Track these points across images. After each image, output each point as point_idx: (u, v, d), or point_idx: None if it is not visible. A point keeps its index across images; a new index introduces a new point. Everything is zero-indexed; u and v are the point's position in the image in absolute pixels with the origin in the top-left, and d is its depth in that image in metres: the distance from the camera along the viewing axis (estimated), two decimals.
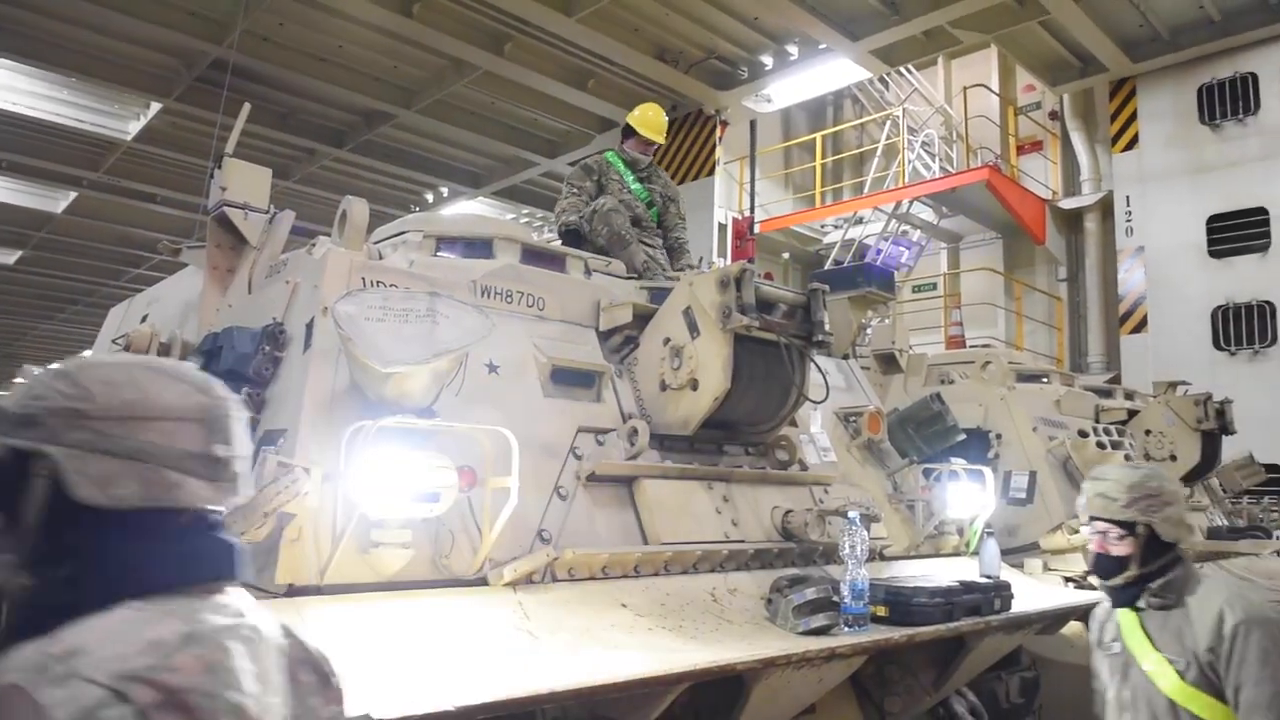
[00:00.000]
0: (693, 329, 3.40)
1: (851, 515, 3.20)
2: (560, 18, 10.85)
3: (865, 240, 13.40)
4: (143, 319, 4.73)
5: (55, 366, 1.10)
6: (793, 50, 12.16)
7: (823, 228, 14.79)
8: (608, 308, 3.68)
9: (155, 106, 13.20)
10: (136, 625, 0.98)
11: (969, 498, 4.44)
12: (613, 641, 2.58)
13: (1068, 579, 5.33)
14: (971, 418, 5.93)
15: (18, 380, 1.21)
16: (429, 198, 17.35)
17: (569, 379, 3.40)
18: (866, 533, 3.22)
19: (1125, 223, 11.86)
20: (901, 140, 13.35)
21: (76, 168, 14.95)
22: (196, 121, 13.00)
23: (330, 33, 11.63)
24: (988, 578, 3.88)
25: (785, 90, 12.92)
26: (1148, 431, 6.83)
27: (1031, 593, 4.16)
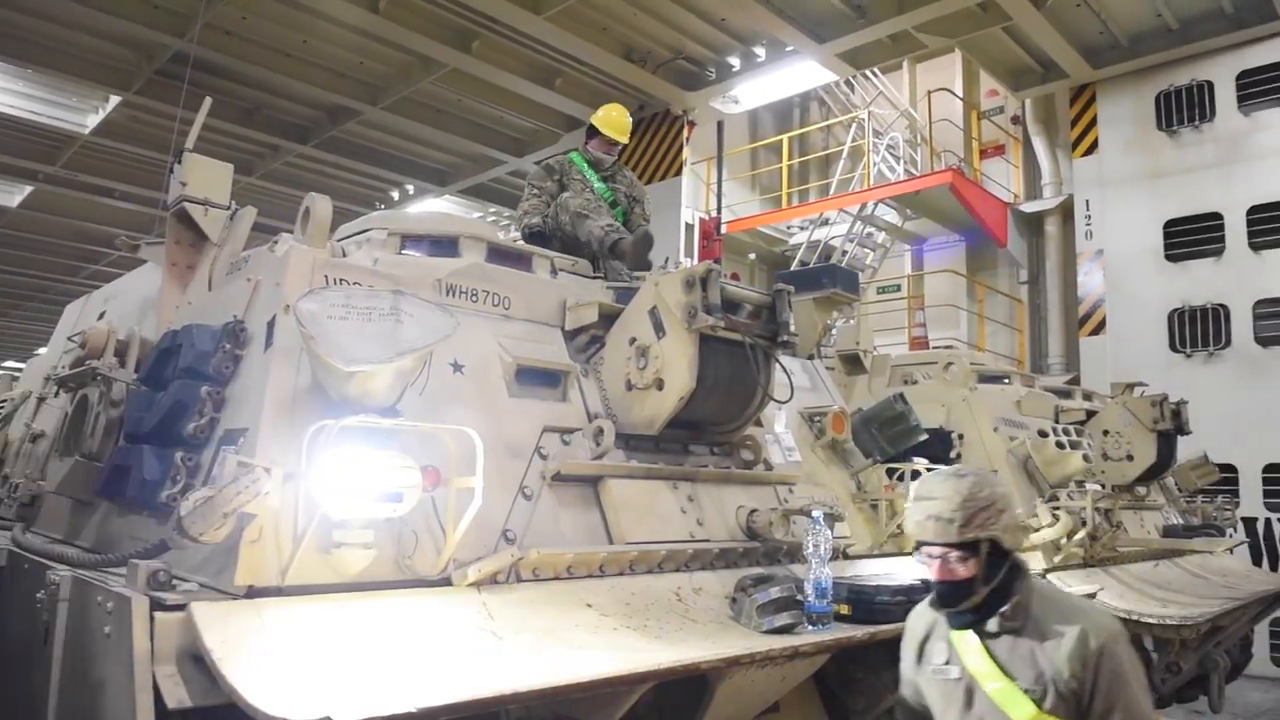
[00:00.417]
0: (659, 329, 3.40)
1: (815, 514, 3.22)
2: (528, 16, 10.83)
3: (831, 241, 13.50)
4: (100, 316, 4.65)
5: None
6: (760, 52, 12.23)
7: (789, 229, 14.88)
8: (574, 307, 3.68)
9: (114, 100, 12.99)
10: None
11: None
12: (577, 641, 2.58)
13: None
14: (934, 418, 6.01)
15: None
16: (394, 195, 17.23)
17: (534, 378, 3.39)
18: (830, 532, 3.24)
19: (1085, 226, 12.06)
20: (867, 143, 13.46)
21: (33, 161, 14.68)
22: (156, 115, 12.82)
23: (295, 27, 11.50)
24: None
25: (752, 92, 12.99)
26: (1105, 432, 6.96)
27: None
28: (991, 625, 2.37)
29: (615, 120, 5.20)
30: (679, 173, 13.28)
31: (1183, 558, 6.69)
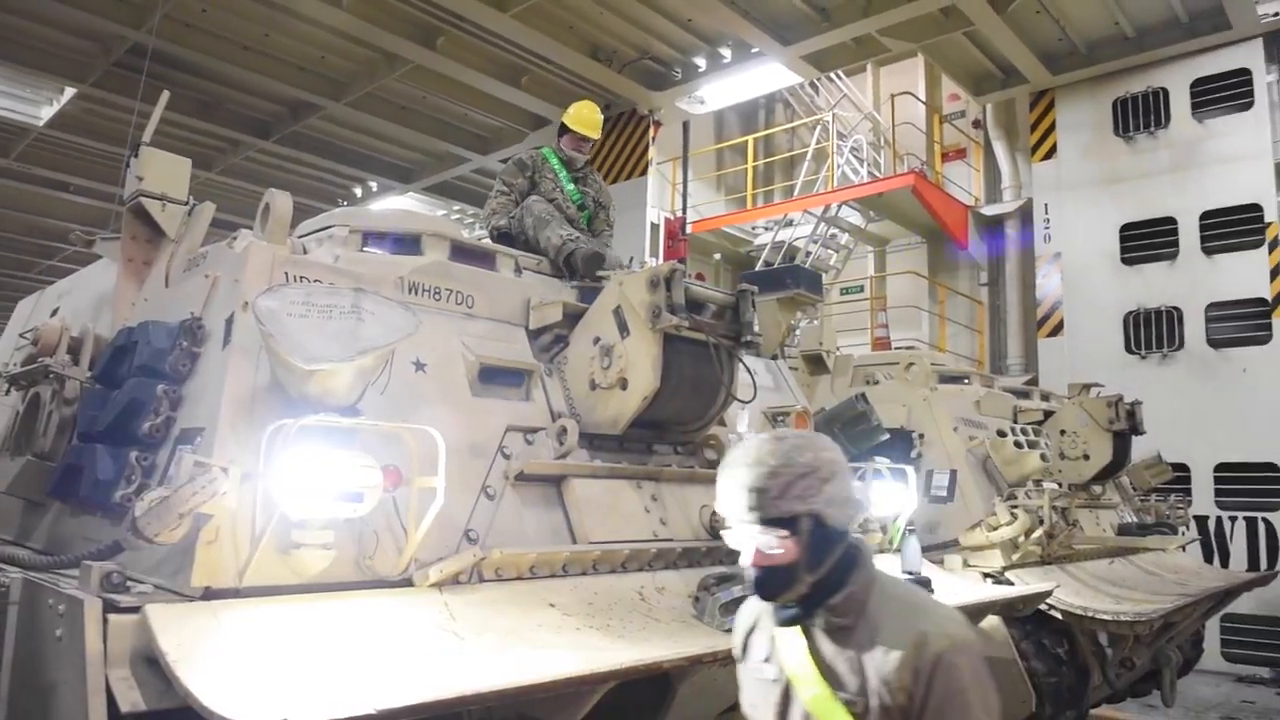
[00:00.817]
0: (623, 328, 3.40)
1: None
2: (494, 13, 10.77)
3: (795, 242, 13.59)
4: (53, 313, 4.55)
5: None
6: (725, 53, 12.28)
7: (754, 230, 14.95)
8: (538, 306, 3.67)
9: (70, 92, 12.73)
10: None
11: (892, 496, 4.54)
12: (540, 641, 2.57)
13: (986, 574, 5.50)
14: (895, 418, 6.08)
15: None
16: (357, 192, 17.06)
17: (498, 377, 3.37)
18: None
19: (1044, 230, 12.25)
20: (831, 145, 13.57)
21: None
22: (113, 108, 12.57)
23: (256, 20, 11.33)
24: (910, 573, 3.97)
25: (718, 92, 13.03)
26: (1062, 431, 7.08)
27: (951, 587, 4.27)
28: (819, 620, 1.92)
29: (586, 117, 5.19)
30: (644, 172, 13.28)
31: (1137, 555, 6.83)
